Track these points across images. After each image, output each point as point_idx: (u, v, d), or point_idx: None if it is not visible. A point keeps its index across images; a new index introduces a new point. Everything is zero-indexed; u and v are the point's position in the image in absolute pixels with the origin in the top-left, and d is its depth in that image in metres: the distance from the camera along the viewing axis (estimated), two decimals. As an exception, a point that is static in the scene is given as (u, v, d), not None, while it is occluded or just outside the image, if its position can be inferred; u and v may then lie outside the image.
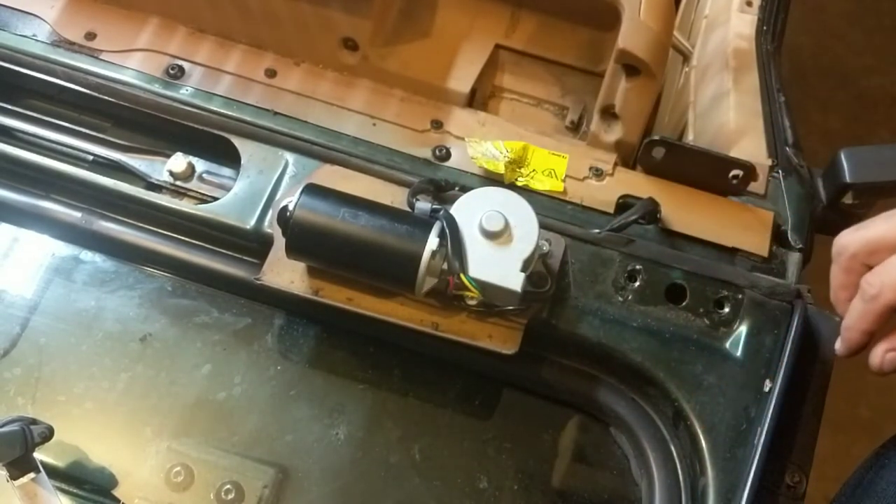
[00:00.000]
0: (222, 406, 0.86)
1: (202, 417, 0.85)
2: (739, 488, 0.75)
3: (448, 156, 0.92)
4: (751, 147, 0.97)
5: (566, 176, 0.91)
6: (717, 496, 0.77)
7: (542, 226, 0.81)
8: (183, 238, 0.91)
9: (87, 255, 0.92)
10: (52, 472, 0.74)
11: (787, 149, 0.97)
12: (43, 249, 0.92)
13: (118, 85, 0.93)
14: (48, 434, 0.73)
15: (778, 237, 0.91)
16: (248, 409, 0.86)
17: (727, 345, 0.83)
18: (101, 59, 0.94)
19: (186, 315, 0.89)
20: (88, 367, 0.86)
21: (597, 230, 0.87)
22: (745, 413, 0.79)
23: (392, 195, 0.86)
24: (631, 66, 0.88)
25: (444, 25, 0.98)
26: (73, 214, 0.91)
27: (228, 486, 0.82)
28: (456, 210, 0.80)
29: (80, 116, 0.96)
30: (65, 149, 0.94)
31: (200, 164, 0.93)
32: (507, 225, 0.79)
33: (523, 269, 0.78)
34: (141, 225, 0.91)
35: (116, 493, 0.81)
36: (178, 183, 0.92)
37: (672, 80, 1.29)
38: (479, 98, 1.00)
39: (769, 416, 0.77)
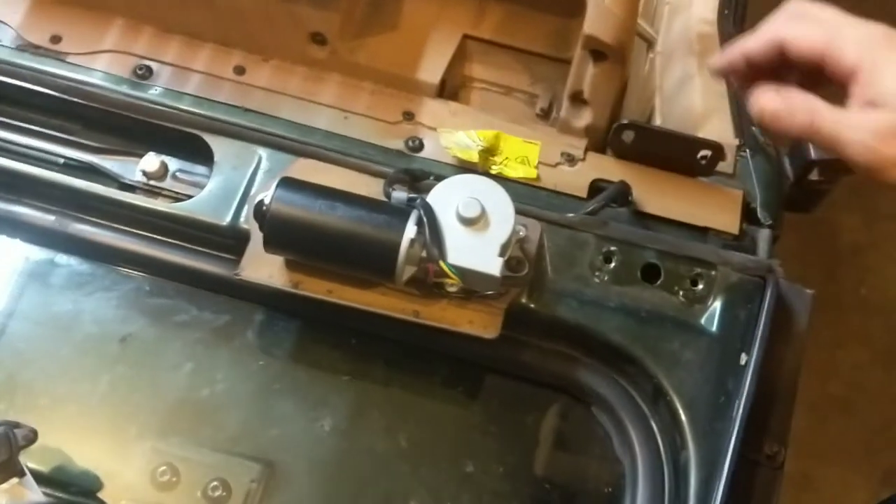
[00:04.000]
0: (206, 403, 0.86)
1: (186, 416, 0.85)
2: (720, 460, 0.77)
3: (421, 146, 0.92)
4: (718, 128, 0.99)
5: (539, 163, 0.92)
6: (699, 469, 0.78)
7: (518, 212, 0.82)
8: (159, 237, 0.90)
9: (62, 258, 0.91)
10: (37, 477, 0.74)
11: (754, 128, 0.98)
12: (17, 254, 0.91)
13: (86, 87, 0.92)
14: (32, 437, 0.73)
15: (748, 215, 0.92)
16: (232, 405, 0.86)
17: (703, 321, 0.84)
18: (68, 62, 0.94)
19: (165, 314, 0.89)
20: (69, 370, 0.86)
21: (571, 214, 0.88)
22: (723, 387, 0.81)
23: (367, 186, 0.86)
24: (598, 52, 0.89)
25: (411, 17, 0.99)
26: (47, 218, 0.91)
27: (215, 484, 0.82)
28: (432, 198, 0.80)
29: (50, 120, 0.95)
30: (35, 153, 0.94)
31: (173, 163, 0.93)
32: (483, 211, 0.79)
33: (501, 254, 0.79)
34: (116, 226, 0.91)
35: (102, 495, 0.81)
36: (152, 182, 0.91)
37: (637, 66, 1.30)
38: (450, 88, 1.00)
39: (746, 388, 0.79)
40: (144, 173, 0.91)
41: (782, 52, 0.69)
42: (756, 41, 0.72)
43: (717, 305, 0.85)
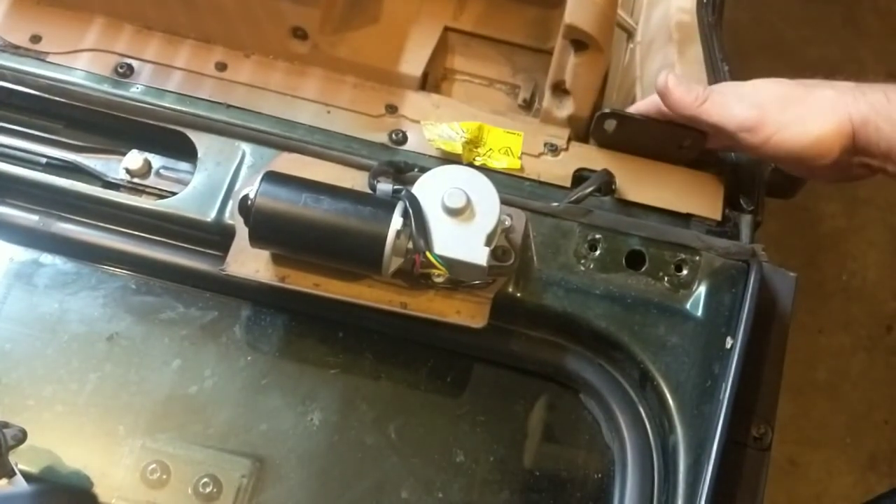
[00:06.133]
0: (194, 400, 0.86)
1: (175, 413, 0.85)
2: (708, 443, 0.78)
3: (405, 139, 0.92)
4: (699, 115, 0.99)
5: (522, 153, 0.93)
6: (688, 452, 0.79)
7: (503, 202, 0.82)
8: (144, 235, 0.90)
9: (46, 258, 0.91)
10: (27, 477, 0.74)
11: (735, 115, 0.99)
12: (1, 255, 0.91)
13: (68, 86, 0.92)
14: (21, 437, 0.72)
15: (730, 201, 0.93)
16: (221, 401, 0.86)
17: (688, 305, 0.85)
18: (49, 62, 0.93)
19: (152, 312, 0.89)
20: (56, 370, 0.86)
21: (556, 203, 0.89)
22: (710, 370, 0.82)
23: (352, 180, 0.87)
24: (579, 41, 0.89)
25: (392, 10, 0.99)
26: (30, 218, 0.91)
27: (206, 480, 0.82)
28: (417, 189, 0.81)
29: (31, 119, 0.95)
30: (17, 153, 0.93)
31: (157, 160, 0.92)
32: (468, 201, 0.80)
33: (487, 244, 0.80)
34: (100, 224, 0.91)
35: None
36: (136, 180, 0.91)
37: (618, 57, 1.31)
38: (432, 81, 1.01)
39: (732, 371, 0.80)
40: (128, 171, 0.91)
41: None
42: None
43: (701, 290, 0.85)
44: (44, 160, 0.93)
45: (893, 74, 2.33)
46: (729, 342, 0.82)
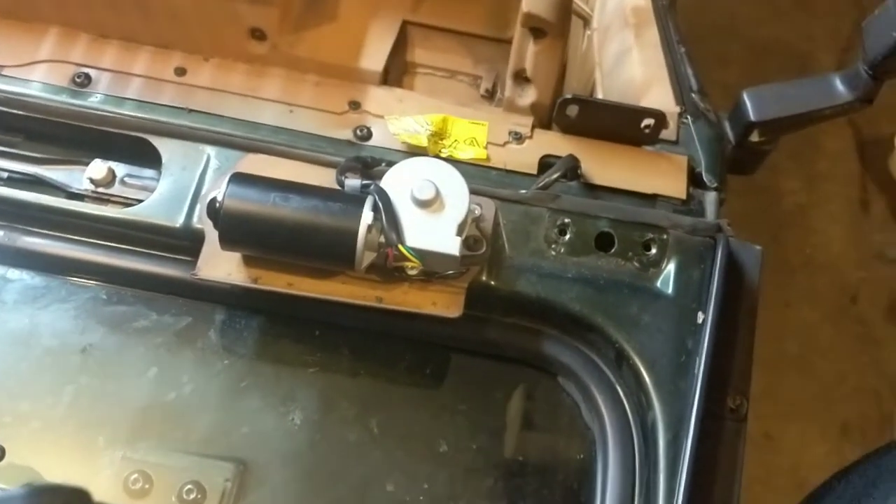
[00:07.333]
0: (173, 407, 0.85)
1: (154, 421, 0.85)
2: (686, 417, 0.79)
3: (370, 135, 0.93)
4: (659, 97, 1.01)
5: (488, 143, 0.93)
6: (666, 427, 0.80)
7: (471, 192, 0.83)
8: (112, 244, 0.90)
9: (13, 273, 0.90)
10: (7, 494, 0.73)
11: (693, 95, 1.01)
12: (-34, 273, 0.90)
13: (25, 98, 0.91)
14: (-1, 454, 0.72)
15: (694, 179, 0.94)
16: (200, 406, 0.86)
17: (658, 284, 0.86)
18: (4, 75, 0.92)
19: (125, 321, 0.89)
20: (31, 386, 0.85)
21: (523, 191, 0.89)
22: (683, 346, 0.83)
23: (320, 177, 0.86)
24: (537, 29, 0.90)
25: (349, 6, 0.99)
26: (-6, 233, 0.90)
27: (189, 487, 0.81)
28: (386, 183, 0.81)
29: None
30: (-23, 169, 0.92)
31: (121, 169, 0.92)
32: (437, 192, 0.80)
33: (458, 234, 0.80)
34: (67, 236, 0.90)
35: (75, 507, 0.80)
36: (100, 189, 0.90)
37: (575, 44, 1.32)
38: (394, 75, 1.01)
39: (705, 346, 0.81)
40: (92, 181, 0.90)
41: None
42: None
43: (670, 268, 0.87)
44: (5, 174, 0.92)
45: (847, 50, 2.37)
46: (700, 317, 0.83)
